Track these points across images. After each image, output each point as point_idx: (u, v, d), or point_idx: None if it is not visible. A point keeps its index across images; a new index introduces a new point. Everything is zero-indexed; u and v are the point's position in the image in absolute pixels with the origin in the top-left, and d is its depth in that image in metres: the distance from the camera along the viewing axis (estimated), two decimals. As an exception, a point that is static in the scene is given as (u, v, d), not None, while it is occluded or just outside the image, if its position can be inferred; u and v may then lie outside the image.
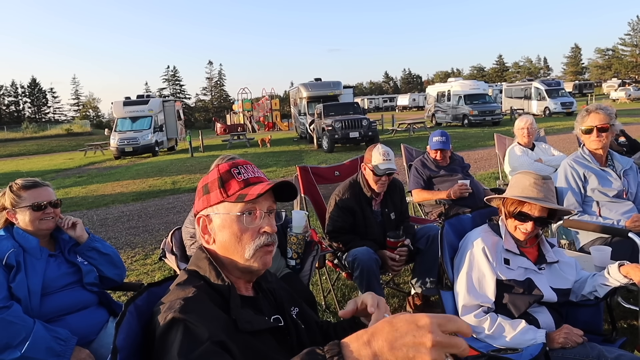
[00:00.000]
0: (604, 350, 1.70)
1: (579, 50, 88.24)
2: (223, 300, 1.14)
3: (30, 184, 2.11)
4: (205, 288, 1.14)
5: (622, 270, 1.88)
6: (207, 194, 1.24)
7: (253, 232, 1.19)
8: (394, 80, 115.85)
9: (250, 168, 1.26)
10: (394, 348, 0.70)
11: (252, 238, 1.19)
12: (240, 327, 1.10)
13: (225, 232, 1.20)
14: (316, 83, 22.05)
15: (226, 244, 1.20)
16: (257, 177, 1.25)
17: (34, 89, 75.81)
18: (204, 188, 1.26)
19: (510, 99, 30.16)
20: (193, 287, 1.12)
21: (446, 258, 2.06)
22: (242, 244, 1.19)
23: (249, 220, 1.19)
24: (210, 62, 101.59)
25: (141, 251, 5.69)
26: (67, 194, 10.85)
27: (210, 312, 1.07)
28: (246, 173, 1.24)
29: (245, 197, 1.17)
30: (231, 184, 1.21)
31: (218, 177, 1.23)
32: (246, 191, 1.19)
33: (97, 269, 2.18)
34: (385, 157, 3.10)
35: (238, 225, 1.19)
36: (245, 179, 1.22)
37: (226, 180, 1.22)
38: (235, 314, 1.11)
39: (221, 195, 1.20)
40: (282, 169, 12.33)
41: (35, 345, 1.76)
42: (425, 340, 0.69)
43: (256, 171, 1.27)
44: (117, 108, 21.76)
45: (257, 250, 1.19)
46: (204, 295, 1.11)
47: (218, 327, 1.04)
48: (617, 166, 2.99)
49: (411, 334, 0.70)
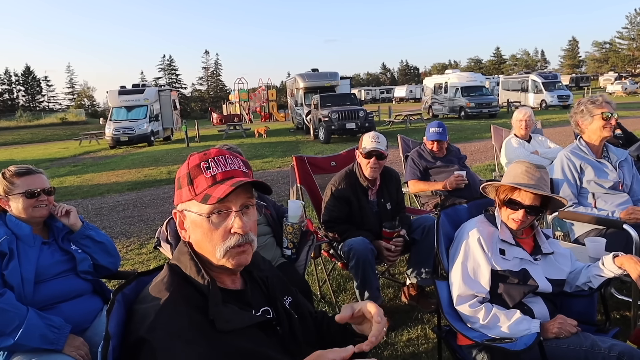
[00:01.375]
0: (598, 340, 1.71)
1: (577, 43, 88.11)
2: (203, 299, 1.10)
3: (23, 170, 2.08)
4: (184, 288, 1.10)
5: (617, 261, 1.88)
6: (179, 188, 1.18)
7: (224, 233, 1.12)
8: (391, 72, 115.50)
9: (223, 160, 1.16)
10: None
11: (223, 239, 1.12)
12: (217, 327, 1.06)
13: (197, 231, 1.15)
14: (313, 74, 21.95)
15: (199, 242, 1.15)
16: (227, 171, 1.15)
17: (28, 77, 75.06)
18: (178, 181, 1.19)
19: (507, 91, 30.15)
20: (169, 290, 1.08)
21: (442, 248, 2.06)
22: (213, 244, 1.13)
23: (218, 221, 1.12)
24: (206, 52, 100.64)
25: (136, 240, 5.68)
26: (62, 183, 10.80)
27: (183, 322, 1.03)
28: (216, 167, 1.14)
29: (208, 199, 1.10)
30: (199, 181, 1.14)
31: (187, 172, 1.15)
32: (212, 191, 1.11)
33: (91, 257, 2.17)
34: (374, 140, 3.11)
35: (207, 226, 1.12)
36: (214, 175, 1.13)
37: (194, 176, 1.14)
38: (213, 313, 1.07)
39: (189, 193, 1.14)
40: (279, 160, 12.30)
41: (29, 332, 1.74)
42: None
43: (229, 163, 1.17)
44: (112, 97, 21.60)
45: (229, 251, 1.13)
46: (179, 299, 1.07)
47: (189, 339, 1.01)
48: (613, 158, 2.99)
49: None
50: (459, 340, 2.02)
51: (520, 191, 1.92)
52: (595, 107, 2.91)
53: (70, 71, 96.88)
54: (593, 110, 2.91)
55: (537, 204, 1.92)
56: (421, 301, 3.35)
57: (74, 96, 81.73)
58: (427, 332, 3.00)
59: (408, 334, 2.99)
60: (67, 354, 1.81)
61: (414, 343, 2.89)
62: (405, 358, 2.73)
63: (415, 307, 3.34)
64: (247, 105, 35.60)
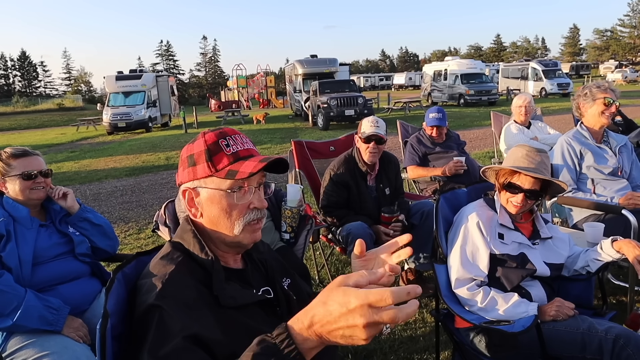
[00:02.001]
0: (595, 322, 1.72)
1: (578, 31, 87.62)
2: (206, 275, 1.11)
3: (20, 152, 2.07)
4: (188, 263, 1.11)
5: (615, 245, 1.88)
6: (192, 165, 1.16)
7: (242, 208, 1.14)
8: (391, 59, 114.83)
9: (239, 139, 1.18)
10: (331, 332, 0.74)
11: (242, 214, 1.14)
12: (222, 303, 1.07)
13: (213, 207, 1.15)
14: (312, 60, 21.78)
15: (214, 219, 1.16)
16: (246, 149, 1.17)
17: (24, 62, 74.39)
18: (189, 159, 1.18)
19: (507, 79, 29.99)
20: (174, 263, 1.09)
21: (441, 232, 2.06)
22: (232, 220, 1.14)
23: (239, 196, 1.13)
24: (204, 37, 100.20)
25: (135, 226, 5.68)
26: (60, 169, 10.76)
27: (190, 293, 1.04)
28: (235, 145, 1.16)
29: (236, 175, 1.10)
30: (219, 158, 1.13)
31: (205, 149, 1.14)
32: (236, 167, 1.12)
33: (89, 240, 2.16)
34: (374, 124, 3.10)
35: (227, 201, 1.13)
36: (235, 152, 1.15)
37: (214, 153, 1.14)
38: (217, 289, 1.08)
39: (209, 169, 1.13)
40: (277, 146, 12.27)
41: (27, 313, 1.74)
42: (357, 323, 0.71)
43: (245, 141, 1.19)
44: (109, 83, 21.42)
45: (247, 226, 1.15)
46: (185, 271, 1.08)
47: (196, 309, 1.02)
48: (612, 143, 2.99)
49: (344, 319, 0.72)
50: (456, 323, 2.03)
51: (520, 175, 1.91)
52: (599, 91, 2.91)
53: (66, 56, 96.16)
54: (596, 94, 2.91)
55: (536, 188, 1.91)
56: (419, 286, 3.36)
57: (70, 82, 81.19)
58: (424, 316, 3.02)
59: (406, 318, 3.01)
60: (66, 335, 1.81)
61: (411, 327, 2.91)
62: (403, 341, 2.76)
63: (413, 291, 3.35)
64: (245, 91, 35.39)
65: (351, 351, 2.65)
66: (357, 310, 0.71)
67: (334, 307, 0.73)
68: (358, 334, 0.72)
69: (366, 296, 0.71)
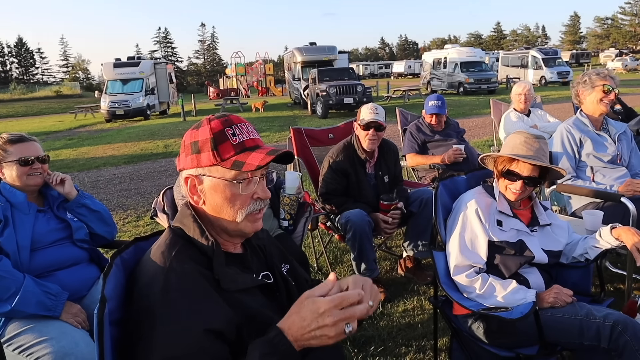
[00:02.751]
0: (593, 309, 1.72)
1: (578, 18, 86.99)
2: (207, 259, 1.11)
3: (16, 138, 2.05)
4: (188, 249, 1.11)
5: (614, 232, 1.88)
6: (197, 153, 1.14)
7: (246, 198, 1.14)
8: (390, 47, 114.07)
9: (245, 128, 1.16)
10: (304, 334, 0.91)
11: (246, 204, 1.14)
12: (223, 286, 1.07)
13: (217, 196, 1.14)
14: (311, 47, 21.65)
15: (217, 207, 1.15)
16: (252, 138, 1.16)
17: (21, 48, 73.82)
18: (193, 145, 1.15)
19: (507, 67, 29.84)
20: (174, 251, 1.08)
21: (439, 219, 2.06)
22: (235, 209, 1.14)
23: (243, 187, 1.13)
24: (202, 24, 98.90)
25: (133, 213, 5.68)
26: (58, 156, 10.72)
27: (192, 282, 1.04)
28: (241, 135, 1.14)
29: (242, 166, 1.10)
30: (225, 147, 1.12)
31: (211, 137, 1.12)
32: (243, 158, 1.11)
33: (88, 226, 2.15)
34: (373, 111, 3.08)
35: (231, 191, 1.12)
36: (241, 141, 1.13)
37: (220, 142, 1.12)
38: (218, 273, 1.09)
39: (214, 158, 1.11)
40: (276, 134, 12.24)
41: (25, 299, 1.74)
42: (327, 322, 0.89)
43: (251, 131, 1.17)
44: (107, 70, 21.25)
45: (249, 215, 1.15)
46: (185, 259, 1.07)
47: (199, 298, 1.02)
48: (612, 130, 2.98)
49: (315, 321, 0.90)
50: (454, 309, 2.03)
51: (519, 162, 1.91)
52: (598, 78, 2.90)
53: (64, 43, 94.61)
54: (596, 81, 2.90)
55: (535, 175, 1.91)
56: (417, 273, 3.37)
57: (68, 69, 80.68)
58: (422, 303, 3.03)
59: (404, 305, 3.02)
60: (64, 321, 1.81)
61: (409, 314, 2.93)
62: (401, 328, 2.77)
63: (411, 279, 3.37)
64: (244, 79, 35.16)
65: (349, 338, 2.66)
66: (326, 313, 0.89)
67: (306, 314, 0.91)
68: (327, 332, 0.90)
69: (332, 300, 0.90)
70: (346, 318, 0.90)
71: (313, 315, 0.90)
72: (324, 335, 0.90)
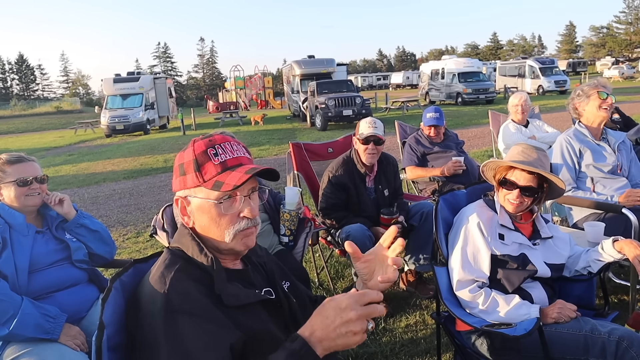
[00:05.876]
0: (597, 324, 1.70)
1: (574, 28, 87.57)
2: (208, 276, 1.10)
3: (15, 158, 2.04)
4: (187, 268, 1.10)
5: (616, 245, 1.87)
6: (183, 175, 1.16)
7: (232, 217, 1.13)
8: (388, 58, 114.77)
9: (229, 147, 1.16)
10: (330, 333, 0.90)
11: (232, 223, 1.13)
12: (225, 302, 1.06)
13: (203, 216, 1.14)
14: (309, 60, 21.76)
15: (205, 228, 1.15)
16: (235, 157, 1.15)
17: (22, 65, 74.27)
18: (180, 168, 1.17)
19: (504, 77, 30.02)
20: (174, 271, 1.07)
21: (440, 234, 2.04)
22: (221, 229, 1.13)
23: (227, 206, 1.13)
24: (201, 39, 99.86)
25: (133, 229, 5.66)
26: (58, 172, 10.73)
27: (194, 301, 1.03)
28: (224, 154, 1.14)
29: (221, 187, 1.10)
30: (207, 168, 1.12)
31: (193, 158, 1.13)
32: (223, 178, 1.11)
33: (86, 246, 2.14)
34: (372, 125, 3.09)
35: (216, 211, 1.12)
36: (223, 161, 1.13)
37: (202, 163, 1.13)
38: (219, 289, 1.08)
39: (197, 179, 1.13)
40: (275, 147, 12.25)
41: (24, 322, 1.72)
42: (350, 316, 0.89)
43: (235, 149, 1.17)
44: (107, 85, 21.38)
45: (237, 234, 1.14)
46: (185, 278, 1.07)
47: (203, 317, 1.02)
48: (611, 140, 2.98)
49: (339, 317, 0.90)
50: (457, 326, 2.01)
51: (515, 170, 1.90)
52: (591, 87, 2.93)
53: (64, 59, 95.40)
54: (589, 91, 2.93)
55: (532, 185, 1.89)
56: (419, 287, 3.34)
57: (68, 84, 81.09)
58: (425, 318, 3.00)
59: (406, 320, 2.99)
60: (63, 343, 1.79)
61: (412, 329, 2.90)
62: (404, 344, 2.74)
63: (413, 293, 3.34)
64: (243, 92, 35.34)
65: (352, 354, 2.63)
66: (348, 307, 0.90)
67: (329, 312, 0.91)
68: (352, 327, 0.89)
69: (352, 296, 0.91)
70: (368, 314, 0.90)
71: (336, 311, 0.90)
72: (349, 331, 0.89)
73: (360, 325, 0.89)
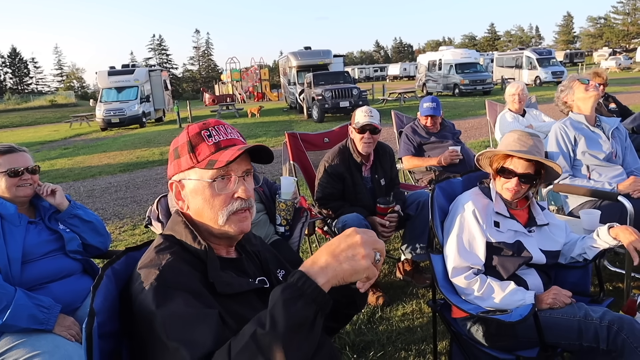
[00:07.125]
0: (590, 310, 1.71)
1: (571, 18, 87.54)
2: (201, 264, 1.09)
3: (5, 149, 2.02)
4: (181, 253, 1.10)
5: (612, 232, 1.87)
6: (177, 158, 1.17)
7: (226, 198, 1.13)
8: (385, 50, 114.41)
9: (223, 129, 1.18)
10: (336, 256, 0.88)
11: (225, 204, 1.13)
12: (218, 289, 1.06)
13: (197, 198, 1.14)
14: (306, 52, 21.64)
15: (199, 210, 1.15)
16: (229, 139, 1.16)
17: (15, 59, 73.69)
18: (175, 152, 1.18)
19: (502, 68, 29.96)
20: (168, 253, 1.07)
21: (437, 221, 2.04)
22: (215, 210, 1.13)
23: (221, 186, 1.13)
24: (197, 31, 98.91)
25: (129, 222, 5.64)
26: (53, 166, 10.66)
27: (189, 280, 1.03)
28: (217, 135, 1.15)
29: (215, 164, 1.10)
30: (201, 149, 1.13)
31: (187, 140, 1.15)
32: (217, 156, 1.11)
33: (80, 237, 2.12)
34: (367, 114, 3.07)
35: (210, 191, 1.13)
36: (217, 142, 1.14)
37: (195, 144, 1.14)
38: (212, 276, 1.07)
39: (191, 160, 1.13)
40: (272, 139, 12.21)
41: (17, 313, 1.71)
42: (356, 239, 0.89)
43: (229, 132, 1.18)
44: (101, 78, 21.22)
45: (231, 216, 1.13)
46: (179, 260, 1.07)
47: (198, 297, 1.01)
48: (605, 127, 2.98)
49: (344, 241, 0.89)
50: (453, 313, 2.02)
51: (513, 159, 1.90)
52: (569, 81, 3.06)
53: (58, 52, 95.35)
54: (569, 83, 3.04)
55: (530, 172, 1.89)
56: (416, 276, 3.35)
57: (62, 78, 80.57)
58: (421, 307, 3.01)
59: (403, 309, 3.00)
60: (57, 334, 1.78)
61: (408, 317, 2.90)
62: (401, 332, 2.75)
63: (409, 282, 3.35)
64: (239, 85, 35.18)
65: (349, 343, 2.64)
66: (353, 232, 0.90)
67: (334, 240, 0.90)
68: (359, 250, 0.87)
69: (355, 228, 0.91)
70: (373, 242, 0.90)
71: (340, 238, 0.90)
72: (356, 253, 0.87)
73: (367, 250, 0.88)
